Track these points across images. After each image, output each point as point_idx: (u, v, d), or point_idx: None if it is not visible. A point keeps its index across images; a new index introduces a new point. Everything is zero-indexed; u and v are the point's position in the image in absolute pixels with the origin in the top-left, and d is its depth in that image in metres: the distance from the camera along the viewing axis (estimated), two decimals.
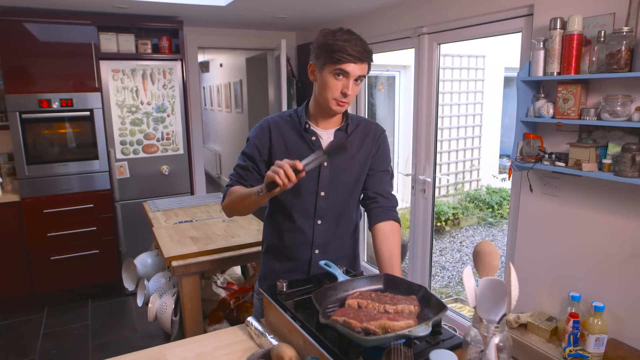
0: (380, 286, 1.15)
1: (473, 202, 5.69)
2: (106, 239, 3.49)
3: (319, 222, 1.37)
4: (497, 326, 0.87)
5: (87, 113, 3.29)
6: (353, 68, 1.24)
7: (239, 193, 1.33)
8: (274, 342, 1.11)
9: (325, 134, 1.38)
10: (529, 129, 2.11)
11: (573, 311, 1.93)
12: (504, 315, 0.88)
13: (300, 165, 1.11)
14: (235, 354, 1.13)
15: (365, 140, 1.41)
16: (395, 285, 1.14)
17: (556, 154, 1.99)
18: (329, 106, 1.29)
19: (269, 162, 1.38)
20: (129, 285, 2.50)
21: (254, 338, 1.18)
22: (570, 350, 1.90)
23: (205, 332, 2.05)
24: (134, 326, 3.16)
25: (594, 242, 1.97)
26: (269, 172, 1.12)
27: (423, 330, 0.86)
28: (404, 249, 3.68)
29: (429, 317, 0.96)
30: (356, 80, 1.27)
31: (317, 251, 1.39)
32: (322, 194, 1.36)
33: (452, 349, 0.95)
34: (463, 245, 5.07)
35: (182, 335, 2.06)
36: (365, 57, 1.25)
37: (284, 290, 1.20)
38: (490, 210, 5.63)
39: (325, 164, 1.35)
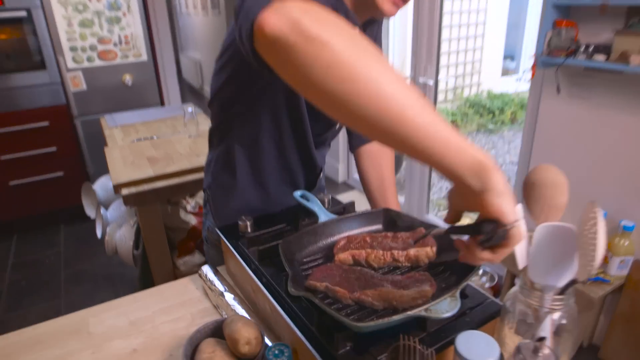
0: (379, 226, 0.84)
1: (473, 108, 5.31)
2: (70, 159, 3.14)
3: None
4: (559, 297, 0.57)
5: (24, 13, 2.73)
6: None
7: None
8: (236, 306, 0.81)
9: None
10: (561, 14, 1.69)
11: None
12: (573, 281, 0.57)
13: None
14: (182, 321, 0.84)
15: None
16: (398, 224, 0.82)
17: (595, 45, 1.59)
18: (379, 6, 0.79)
19: None
20: (90, 212, 2.21)
21: (209, 296, 0.88)
22: None
23: (174, 265, 1.80)
24: None
25: (628, 154, 1.65)
26: None
27: (448, 307, 0.55)
28: (398, 160, 3.35)
29: (450, 282, 0.65)
30: None
31: None
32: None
33: (486, 320, 0.65)
34: None
35: (148, 269, 1.81)
36: None
37: (248, 231, 0.89)
38: (491, 116, 5.27)
39: None
